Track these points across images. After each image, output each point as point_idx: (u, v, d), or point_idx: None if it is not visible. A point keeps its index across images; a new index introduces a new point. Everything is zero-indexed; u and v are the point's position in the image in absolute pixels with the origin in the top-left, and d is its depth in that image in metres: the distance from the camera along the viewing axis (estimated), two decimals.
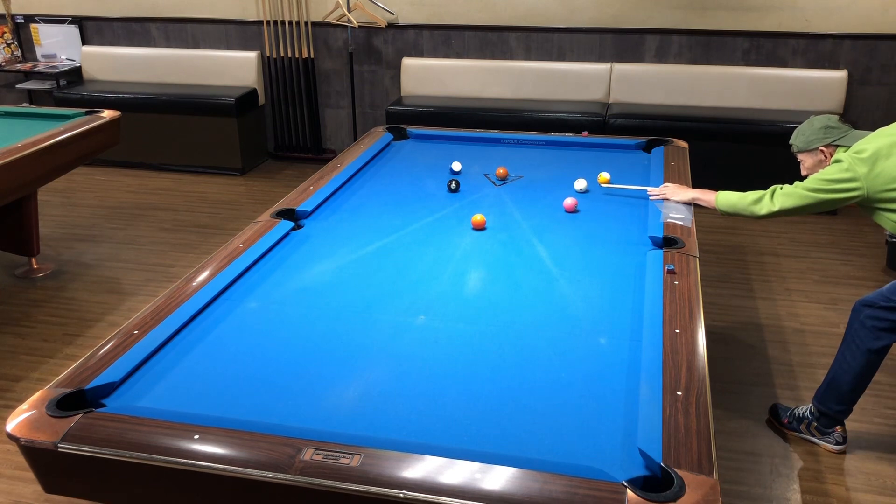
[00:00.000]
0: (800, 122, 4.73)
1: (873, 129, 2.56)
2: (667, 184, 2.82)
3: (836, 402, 2.63)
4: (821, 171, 2.50)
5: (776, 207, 2.55)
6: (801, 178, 2.65)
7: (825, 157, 2.55)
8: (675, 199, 2.74)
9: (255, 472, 1.41)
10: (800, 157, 2.64)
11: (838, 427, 2.67)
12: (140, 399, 1.67)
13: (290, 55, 5.63)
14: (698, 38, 5.07)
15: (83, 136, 3.69)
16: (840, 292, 3.77)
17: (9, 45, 6.01)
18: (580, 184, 2.91)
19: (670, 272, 2.15)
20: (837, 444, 2.67)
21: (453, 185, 2.93)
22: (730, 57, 5.06)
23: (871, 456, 2.65)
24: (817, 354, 3.24)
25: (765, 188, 2.63)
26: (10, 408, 2.89)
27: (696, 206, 2.71)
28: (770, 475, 2.57)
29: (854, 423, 2.79)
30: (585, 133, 3.73)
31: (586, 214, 2.73)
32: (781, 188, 2.56)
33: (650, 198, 2.78)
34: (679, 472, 1.37)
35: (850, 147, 2.48)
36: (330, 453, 1.44)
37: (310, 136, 5.87)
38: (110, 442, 1.48)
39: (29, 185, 3.63)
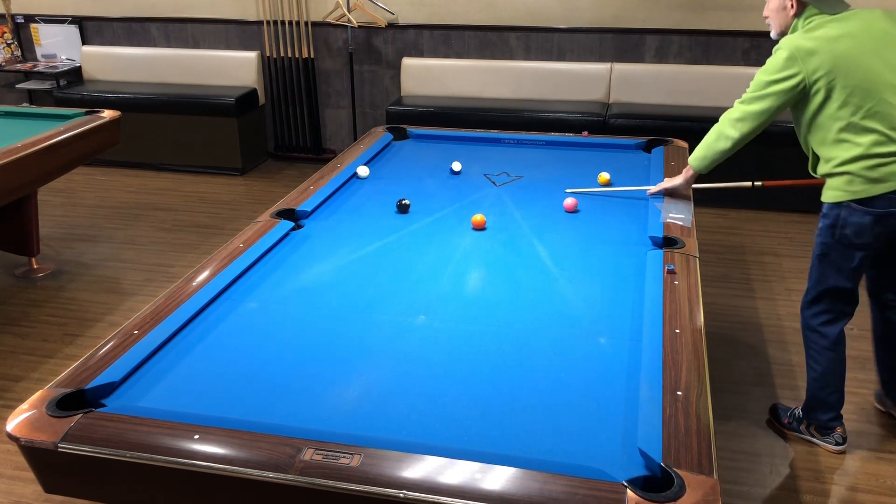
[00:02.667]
0: None
1: None
2: (660, 184, 2.82)
3: (823, 412, 2.64)
4: (759, 70, 2.43)
5: (737, 135, 2.49)
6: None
7: (790, 5, 2.41)
8: (673, 185, 2.75)
9: (255, 472, 1.41)
10: None
11: (838, 428, 2.67)
12: (140, 399, 1.67)
13: (290, 55, 5.63)
14: (698, 38, 5.07)
15: (83, 136, 3.69)
16: None
17: (9, 45, 6.01)
18: (362, 171, 3.08)
19: (670, 272, 2.15)
20: (837, 444, 2.67)
21: (404, 203, 2.72)
22: (730, 57, 5.06)
23: (871, 456, 2.65)
24: None
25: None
26: (10, 408, 2.89)
27: (695, 206, 2.72)
28: (770, 475, 2.57)
29: (854, 423, 2.79)
30: (585, 133, 3.73)
31: (586, 214, 2.73)
32: (729, 115, 2.49)
33: (648, 194, 2.80)
34: (679, 472, 1.37)
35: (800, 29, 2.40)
36: (330, 453, 1.44)
37: (310, 136, 5.87)
38: (110, 442, 1.48)
39: (29, 185, 3.63)
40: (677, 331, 1.86)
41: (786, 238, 4.41)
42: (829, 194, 2.44)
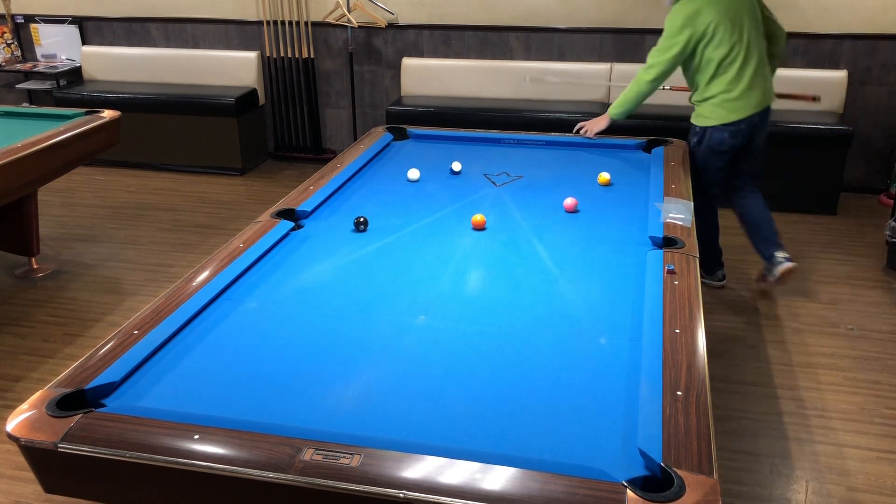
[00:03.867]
0: (800, 123, 4.74)
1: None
2: (583, 124, 3.65)
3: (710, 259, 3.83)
4: (664, 28, 3.36)
5: (651, 79, 3.40)
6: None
7: None
8: (596, 130, 3.60)
9: (255, 472, 1.41)
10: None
11: (718, 271, 3.78)
12: (140, 399, 1.67)
13: (290, 55, 5.63)
14: None
15: (83, 136, 3.69)
16: (840, 292, 3.77)
17: (9, 45, 6.01)
18: (413, 174, 3.13)
19: (670, 272, 2.15)
20: (719, 280, 3.77)
21: (361, 220, 2.58)
22: None
23: (871, 456, 2.65)
24: (817, 354, 3.24)
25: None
26: (10, 408, 2.89)
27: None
28: (770, 475, 2.57)
29: (854, 423, 2.79)
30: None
31: (586, 214, 2.73)
32: (646, 68, 3.40)
33: (577, 132, 3.63)
34: (679, 472, 1.37)
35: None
36: (330, 453, 1.44)
37: (310, 136, 5.87)
38: (110, 442, 1.48)
39: (29, 185, 3.63)
40: (677, 331, 1.86)
41: (786, 238, 4.39)
42: (699, 119, 3.50)
